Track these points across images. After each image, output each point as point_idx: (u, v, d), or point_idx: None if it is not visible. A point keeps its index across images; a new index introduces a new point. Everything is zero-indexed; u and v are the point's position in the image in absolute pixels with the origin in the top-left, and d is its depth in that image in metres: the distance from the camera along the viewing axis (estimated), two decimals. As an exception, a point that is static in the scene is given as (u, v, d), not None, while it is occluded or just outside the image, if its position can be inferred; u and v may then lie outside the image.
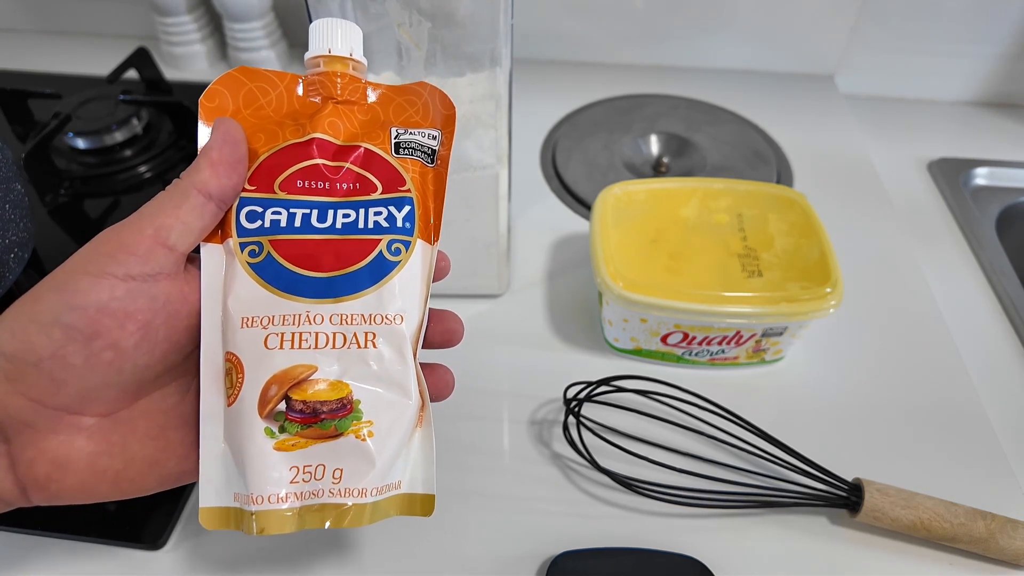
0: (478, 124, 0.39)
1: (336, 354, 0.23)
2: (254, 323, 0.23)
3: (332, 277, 0.24)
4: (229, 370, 0.23)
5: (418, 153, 0.26)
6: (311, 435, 0.23)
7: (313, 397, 0.23)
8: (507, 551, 0.35)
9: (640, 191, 0.45)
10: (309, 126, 0.25)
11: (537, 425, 0.41)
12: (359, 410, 0.23)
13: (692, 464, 0.37)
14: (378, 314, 0.24)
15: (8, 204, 0.42)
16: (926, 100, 0.72)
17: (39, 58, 0.76)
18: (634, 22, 0.71)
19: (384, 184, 0.25)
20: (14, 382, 0.21)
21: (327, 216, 0.24)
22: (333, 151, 0.25)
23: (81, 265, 0.22)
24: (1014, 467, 0.39)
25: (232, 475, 0.23)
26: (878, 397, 0.43)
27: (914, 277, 0.51)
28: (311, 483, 0.23)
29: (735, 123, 0.65)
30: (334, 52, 0.26)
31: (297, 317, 0.23)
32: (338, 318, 0.23)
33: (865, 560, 0.35)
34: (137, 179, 0.59)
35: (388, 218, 0.25)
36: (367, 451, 0.23)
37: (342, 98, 0.26)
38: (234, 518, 0.23)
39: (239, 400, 0.23)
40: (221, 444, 0.23)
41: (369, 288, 0.24)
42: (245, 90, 0.25)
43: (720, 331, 0.40)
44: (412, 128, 0.26)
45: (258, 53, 0.71)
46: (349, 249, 0.24)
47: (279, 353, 0.23)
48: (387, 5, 0.34)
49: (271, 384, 0.23)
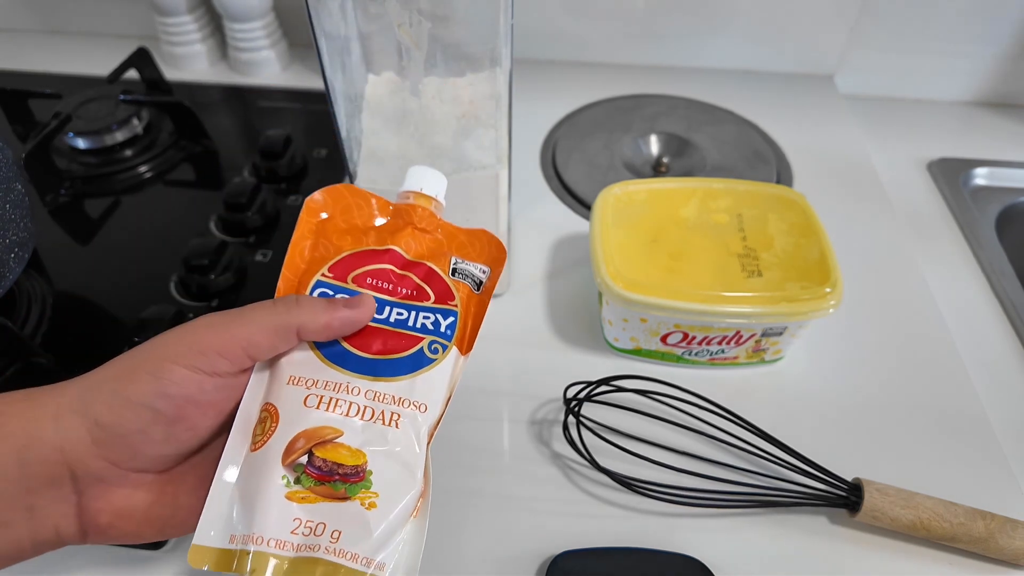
0: (478, 124, 0.39)
1: (362, 425, 0.26)
2: (299, 382, 0.26)
3: (376, 359, 0.28)
4: (264, 418, 0.26)
5: (469, 280, 0.31)
6: (322, 492, 0.25)
7: (334, 458, 0.25)
8: (507, 550, 0.35)
9: (640, 191, 0.45)
10: (389, 239, 0.31)
11: (537, 425, 0.41)
12: (369, 480, 0.25)
13: (692, 464, 0.37)
14: (407, 399, 0.27)
15: (8, 204, 0.42)
16: (926, 100, 0.72)
17: (40, 58, 0.76)
18: (634, 22, 0.71)
19: (437, 296, 0.30)
20: (100, 446, 0.24)
21: (384, 310, 0.29)
22: (402, 263, 0.31)
23: (178, 356, 0.25)
24: (1013, 467, 0.39)
25: (233, 518, 0.25)
26: (878, 397, 0.43)
27: (913, 277, 0.51)
28: (310, 538, 0.24)
29: (735, 123, 0.65)
30: (424, 191, 0.32)
31: (338, 385, 0.27)
32: (372, 394, 0.27)
33: (865, 560, 0.35)
34: (137, 179, 0.59)
35: (434, 323, 0.29)
36: (368, 520, 0.24)
37: (419, 226, 0.32)
38: (223, 560, 0.24)
39: (266, 446, 0.25)
40: (231, 489, 0.25)
41: (405, 375, 0.27)
42: (344, 202, 0.31)
43: (720, 331, 0.40)
44: (468, 260, 0.32)
45: (258, 53, 0.71)
46: (396, 340, 0.28)
47: (314, 412, 0.26)
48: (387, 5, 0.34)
49: (299, 438, 0.25)
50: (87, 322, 0.46)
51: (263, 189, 0.54)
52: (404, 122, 0.40)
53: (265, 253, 0.51)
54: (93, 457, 0.24)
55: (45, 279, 0.49)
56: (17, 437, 0.23)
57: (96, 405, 0.24)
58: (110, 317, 0.47)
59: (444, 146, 0.40)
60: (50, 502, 0.24)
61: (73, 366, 0.43)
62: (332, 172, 0.59)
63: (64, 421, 0.24)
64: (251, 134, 0.64)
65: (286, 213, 0.55)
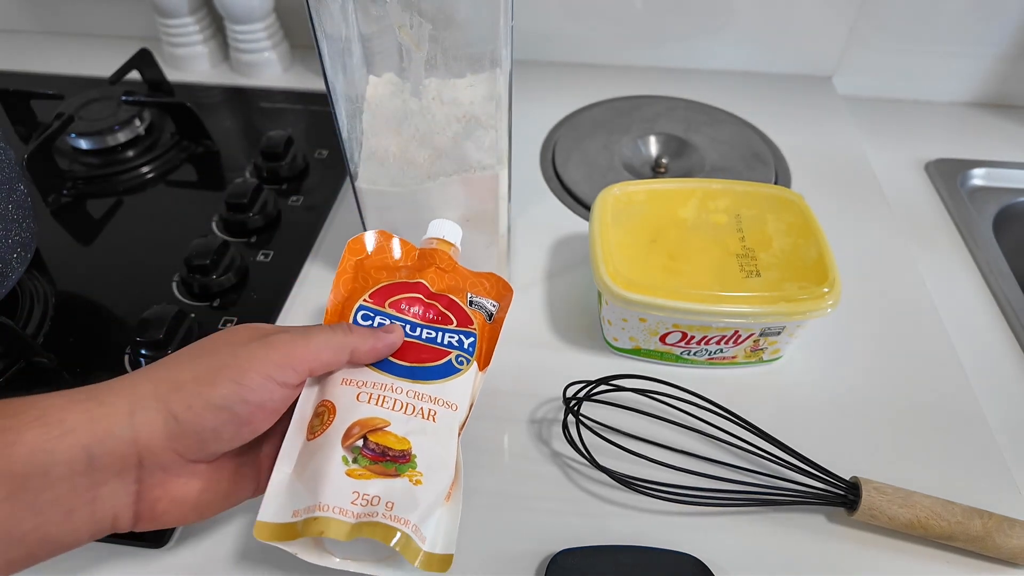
0: (478, 125, 0.40)
1: (406, 418, 0.31)
2: (351, 383, 0.31)
3: (414, 366, 0.33)
4: (321, 412, 0.31)
5: (482, 311, 0.37)
6: (376, 470, 0.29)
7: (384, 442, 0.30)
8: (507, 548, 0.35)
9: (639, 191, 0.45)
10: (417, 275, 0.37)
11: (537, 424, 0.41)
12: (414, 462, 0.30)
13: (691, 463, 0.38)
14: (441, 398, 0.32)
15: (11, 204, 0.42)
16: (923, 101, 0.73)
17: (42, 59, 0.77)
18: (633, 24, 0.71)
19: (459, 321, 0.36)
20: (173, 440, 0.27)
21: (416, 329, 0.35)
22: (428, 293, 0.36)
23: (258, 366, 0.28)
24: (1011, 466, 0.39)
25: (292, 498, 0.29)
26: (875, 396, 0.43)
27: (911, 277, 0.51)
28: (368, 507, 0.28)
29: (734, 124, 0.66)
30: (445, 238, 0.39)
31: (383, 384, 0.32)
32: (413, 393, 0.32)
33: (862, 558, 0.35)
34: (139, 179, 0.59)
35: (459, 341, 0.35)
36: (416, 494, 0.29)
37: (441, 266, 0.38)
38: (286, 531, 0.28)
39: (326, 434, 0.30)
40: (289, 475, 0.30)
41: (439, 380, 0.33)
42: (379, 244, 0.38)
43: (718, 331, 0.40)
44: (481, 296, 0.38)
45: (260, 55, 0.72)
46: (428, 352, 0.34)
47: (365, 406, 0.31)
48: (388, 7, 0.35)
49: (355, 425, 0.30)
50: (89, 322, 0.47)
51: (264, 190, 0.54)
52: (405, 123, 0.40)
53: (266, 253, 0.51)
54: (164, 449, 0.27)
55: (47, 279, 0.49)
56: (82, 433, 0.25)
57: (176, 403, 0.27)
58: (112, 317, 0.47)
59: (444, 147, 0.40)
60: (113, 491, 0.27)
61: (75, 366, 0.43)
62: (333, 173, 0.59)
63: (139, 416, 0.26)
64: (252, 135, 0.64)
65: (287, 214, 0.55)
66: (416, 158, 0.40)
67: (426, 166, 0.40)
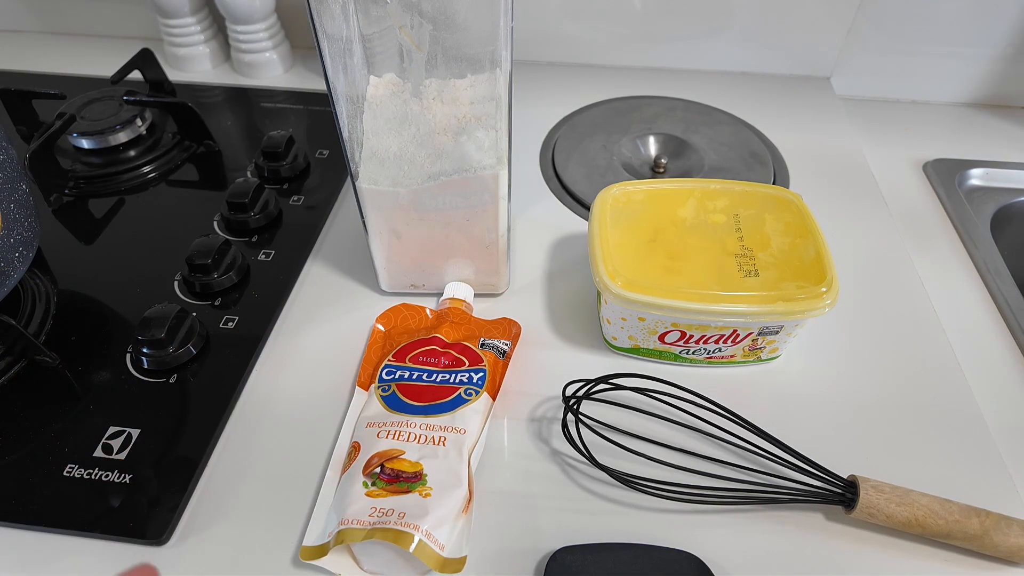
0: (478, 125, 0.40)
1: (418, 446, 0.37)
2: (373, 425, 0.38)
3: (427, 405, 0.39)
4: (351, 452, 0.38)
5: (494, 350, 0.43)
6: (390, 490, 0.35)
7: (399, 467, 0.36)
8: (507, 546, 0.35)
9: (638, 191, 0.46)
10: (434, 330, 0.44)
11: (536, 422, 0.41)
12: (425, 480, 0.35)
13: (689, 461, 0.38)
14: (451, 426, 0.38)
15: (13, 203, 0.42)
16: (921, 101, 0.73)
17: (44, 59, 0.77)
18: (632, 25, 0.71)
19: (470, 362, 0.42)
20: None
21: (433, 375, 0.41)
22: (443, 344, 0.43)
23: None
24: (1008, 464, 0.39)
25: (328, 523, 0.35)
26: (873, 395, 0.43)
27: (909, 277, 0.51)
28: (382, 518, 0.33)
29: (732, 124, 0.66)
30: (455, 297, 0.46)
31: (400, 422, 0.38)
32: (424, 425, 0.38)
33: (860, 556, 0.35)
34: (141, 179, 0.59)
35: (468, 377, 0.41)
36: (425, 504, 0.34)
37: (454, 320, 0.45)
38: (323, 550, 0.34)
39: (352, 467, 0.36)
40: (328, 507, 0.36)
41: (448, 412, 0.39)
42: (402, 314, 0.46)
43: (717, 330, 0.41)
44: (492, 339, 0.44)
45: (261, 55, 0.72)
46: (441, 392, 0.40)
47: (384, 440, 0.37)
48: (388, 8, 0.35)
49: (374, 457, 0.36)
50: (91, 320, 0.47)
51: (265, 189, 0.54)
52: (405, 123, 0.40)
53: (267, 253, 0.52)
54: None
55: (49, 278, 0.49)
56: None
57: None
58: (114, 316, 0.47)
59: (445, 147, 0.40)
60: None
61: (77, 364, 0.43)
62: (334, 173, 0.60)
63: None
64: (254, 135, 0.65)
65: (288, 213, 0.55)
66: (416, 158, 0.40)
67: (426, 166, 0.41)
